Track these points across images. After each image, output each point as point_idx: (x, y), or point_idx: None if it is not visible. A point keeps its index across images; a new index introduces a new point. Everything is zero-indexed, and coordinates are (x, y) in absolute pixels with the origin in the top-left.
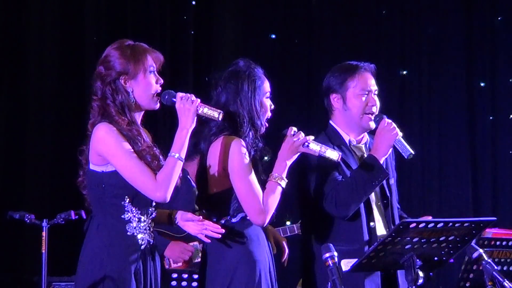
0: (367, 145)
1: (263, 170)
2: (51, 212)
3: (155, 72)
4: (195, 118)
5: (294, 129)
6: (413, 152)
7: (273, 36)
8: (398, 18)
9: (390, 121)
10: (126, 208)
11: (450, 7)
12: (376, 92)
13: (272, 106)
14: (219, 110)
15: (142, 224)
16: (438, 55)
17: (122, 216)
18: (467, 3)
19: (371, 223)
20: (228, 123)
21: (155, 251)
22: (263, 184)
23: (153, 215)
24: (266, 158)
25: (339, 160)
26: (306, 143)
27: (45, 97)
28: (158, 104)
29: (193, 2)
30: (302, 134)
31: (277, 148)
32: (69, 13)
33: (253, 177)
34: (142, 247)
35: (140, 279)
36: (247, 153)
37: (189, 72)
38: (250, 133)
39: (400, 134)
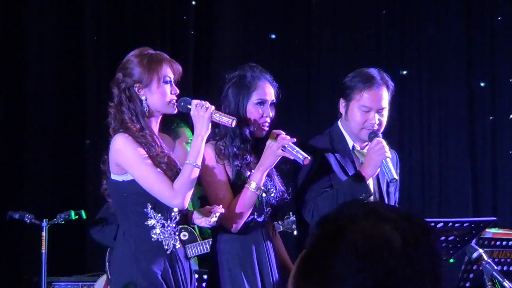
0: None
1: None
2: (51, 212)
3: (172, 82)
4: (210, 124)
5: (277, 132)
6: (396, 178)
7: (273, 36)
8: (398, 18)
9: (381, 140)
10: (149, 215)
11: (450, 7)
12: (383, 111)
13: (266, 114)
14: (232, 117)
15: (166, 229)
16: (438, 55)
17: (146, 223)
18: (467, 3)
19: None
20: (218, 130)
21: (184, 253)
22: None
23: (177, 219)
24: (283, 166)
25: (304, 163)
26: (283, 147)
27: (45, 97)
28: (176, 110)
29: (193, 2)
30: (282, 137)
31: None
32: (69, 13)
33: (217, 182)
34: (168, 251)
35: (171, 284)
36: (217, 159)
37: (189, 72)
38: (235, 141)
39: (389, 156)
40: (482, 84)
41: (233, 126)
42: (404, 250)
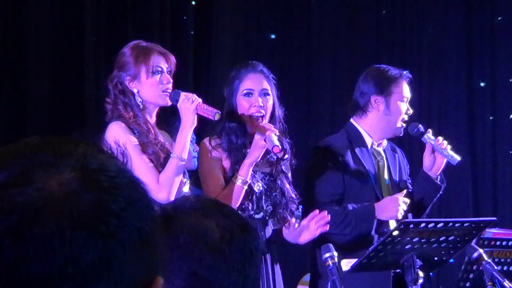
0: (384, 149)
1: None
2: None
3: (165, 72)
4: (195, 117)
5: (264, 125)
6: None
7: (273, 36)
8: (398, 18)
9: (406, 201)
10: None
11: (450, 7)
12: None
13: (255, 104)
14: (215, 110)
15: None
16: (438, 55)
17: None
18: (467, 3)
19: (386, 229)
20: (216, 126)
21: None
22: None
23: None
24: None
25: (274, 152)
26: (264, 139)
27: (44, 97)
28: (169, 101)
29: (193, 2)
30: (267, 129)
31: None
32: (68, 13)
33: (209, 175)
34: None
35: None
36: (213, 152)
37: (189, 72)
38: (231, 136)
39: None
40: (482, 84)
41: (215, 119)
42: (219, 245)
